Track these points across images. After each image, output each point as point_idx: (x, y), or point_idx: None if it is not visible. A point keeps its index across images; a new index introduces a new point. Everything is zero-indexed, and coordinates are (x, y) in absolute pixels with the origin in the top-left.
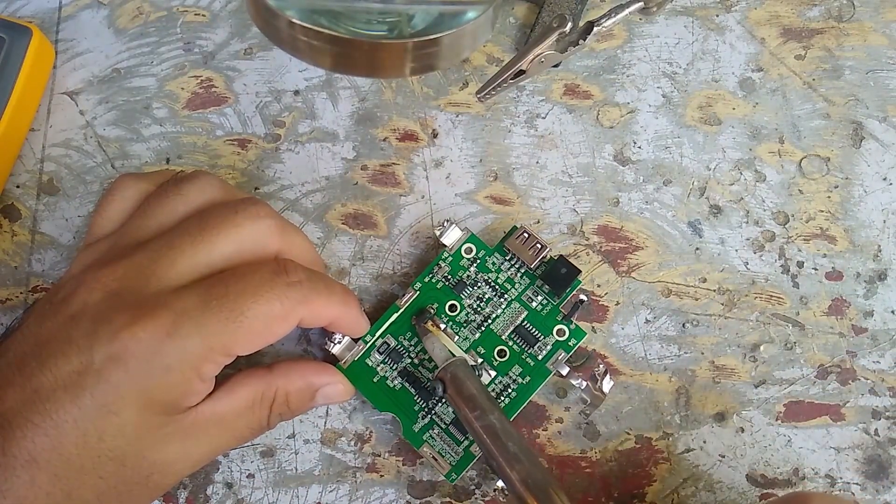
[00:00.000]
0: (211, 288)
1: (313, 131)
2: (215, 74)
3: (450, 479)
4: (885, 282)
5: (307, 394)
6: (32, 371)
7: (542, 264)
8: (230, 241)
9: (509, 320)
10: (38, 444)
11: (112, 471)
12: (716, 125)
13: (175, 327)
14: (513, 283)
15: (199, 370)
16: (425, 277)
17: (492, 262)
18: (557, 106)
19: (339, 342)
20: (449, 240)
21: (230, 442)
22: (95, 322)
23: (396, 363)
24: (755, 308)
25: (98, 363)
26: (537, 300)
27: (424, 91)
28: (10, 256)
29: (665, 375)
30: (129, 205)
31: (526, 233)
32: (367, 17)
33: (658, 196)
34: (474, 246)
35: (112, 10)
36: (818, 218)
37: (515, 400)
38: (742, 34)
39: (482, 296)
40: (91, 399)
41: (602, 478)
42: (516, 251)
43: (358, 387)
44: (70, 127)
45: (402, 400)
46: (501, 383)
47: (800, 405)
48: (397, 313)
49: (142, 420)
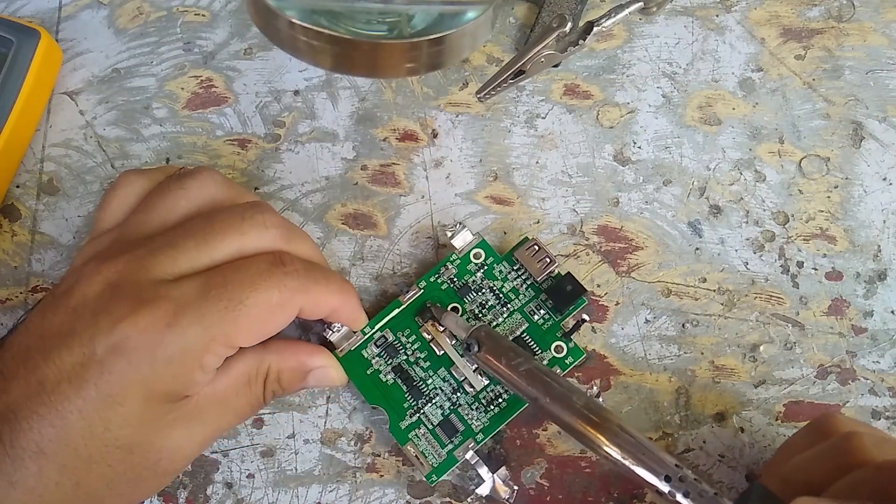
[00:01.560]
0: (210, 279)
1: (313, 131)
2: (215, 74)
3: (430, 480)
4: (885, 282)
5: (299, 373)
6: (36, 363)
7: (549, 279)
8: (233, 245)
9: (509, 330)
10: (44, 435)
11: (120, 459)
12: (716, 125)
13: (175, 318)
14: (517, 294)
15: (201, 361)
16: (431, 277)
17: (499, 270)
18: (557, 106)
19: (338, 330)
20: (459, 242)
21: (232, 420)
22: (96, 314)
23: (392, 358)
24: (755, 308)
25: (100, 354)
26: (539, 314)
27: (424, 91)
28: (10, 256)
29: (665, 375)
30: (132, 200)
31: (536, 245)
32: (367, 17)
33: (658, 196)
34: (483, 252)
35: (112, 10)
36: (818, 218)
37: (505, 410)
38: (742, 34)
39: (485, 302)
40: (95, 390)
41: (602, 478)
42: (525, 262)
43: (351, 376)
44: (70, 127)
45: (393, 395)
46: (493, 392)
47: (800, 405)
48: (399, 309)
49: (146, 409)
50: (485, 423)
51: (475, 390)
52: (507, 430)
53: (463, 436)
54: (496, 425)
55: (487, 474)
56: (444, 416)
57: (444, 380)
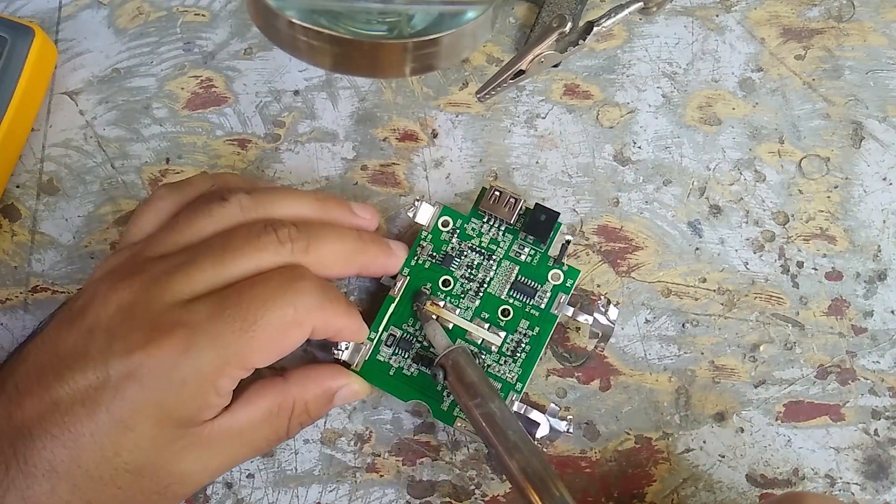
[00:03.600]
0: (225, 298)
1: (313, 131)
2: (215, 74)
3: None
4: (885, 282)
5: (325, 399)
6: (50, 382)
7: (520, 217)
8: (251, 262)
9: (504, 279)
10: (57, 455)
11: (130, 482)
12: (716, 125)
13: (189, 343)
14: (497, 243)
15: (216, 384)
16: (411, 261)
17: (471, 228)
18: (557, 106)
19: (347, 348)
20: (423, 217)
21: (248, 453)
22: (111, 338)
23: (407, 351)
24: (755, 308)
25: (114, 379)
26: (525, 252)
27: (424, 91)
28: (9, 256)
29: (665, 375)
30: (163, 216)
31: (497, 190)
32: (367, 17)
33: (658, 196)
34: (450, 217)
35: (112, 10)
36: (818, 218)
37: (532, 353)
38: (742, 34)
39: (471, 263)
40: (107, 414)
41: (602, 478)
42: (492, 211)
43: (376, 384)
44: (70, 127)
45: (424, 384)
46: (513, 341)
47: (800, 405)
48: (394, 303)
49: (158, 434)
50: (518, 372)
51: (497, 346)
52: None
53: (503, 392)
54: (529, 369)
55: (540, 416)
56: None
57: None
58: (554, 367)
